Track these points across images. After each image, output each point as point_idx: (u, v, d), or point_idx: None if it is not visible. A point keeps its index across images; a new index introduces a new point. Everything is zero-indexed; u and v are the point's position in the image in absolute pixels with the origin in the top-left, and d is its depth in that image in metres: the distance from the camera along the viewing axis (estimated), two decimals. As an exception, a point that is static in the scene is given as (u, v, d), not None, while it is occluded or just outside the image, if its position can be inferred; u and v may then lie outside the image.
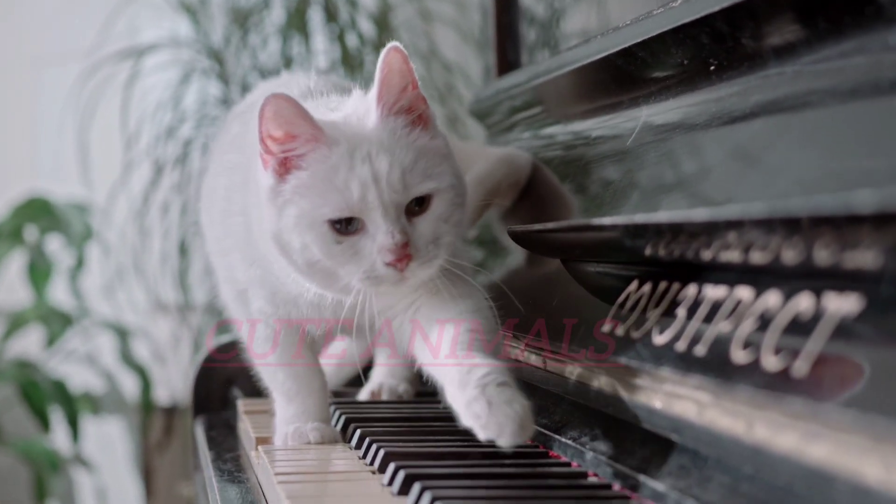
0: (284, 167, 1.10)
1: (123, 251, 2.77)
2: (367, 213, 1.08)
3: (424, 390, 1.53)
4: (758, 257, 0.82)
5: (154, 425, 3.09)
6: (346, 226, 1.08)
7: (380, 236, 1.07)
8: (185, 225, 2.63)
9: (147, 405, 3.07)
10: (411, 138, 1.11)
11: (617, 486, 0.98)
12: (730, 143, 1.00)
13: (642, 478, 0.94)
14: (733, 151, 0.99)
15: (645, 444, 0.98)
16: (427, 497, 0.93)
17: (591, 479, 1.02)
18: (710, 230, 0.86)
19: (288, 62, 2.61)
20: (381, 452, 1.12)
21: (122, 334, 3.07)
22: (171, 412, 3.08)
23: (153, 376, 3.07)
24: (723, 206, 0.84)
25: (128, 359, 3.08)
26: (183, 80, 2.66)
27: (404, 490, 0.99)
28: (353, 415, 1.36)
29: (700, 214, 0.85)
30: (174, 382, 2.94)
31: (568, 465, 1.08)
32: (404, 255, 1.07)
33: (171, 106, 2.66)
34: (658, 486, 0.91)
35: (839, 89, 0.88)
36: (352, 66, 2.57)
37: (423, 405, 1.45)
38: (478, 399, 1.00)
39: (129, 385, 3.13)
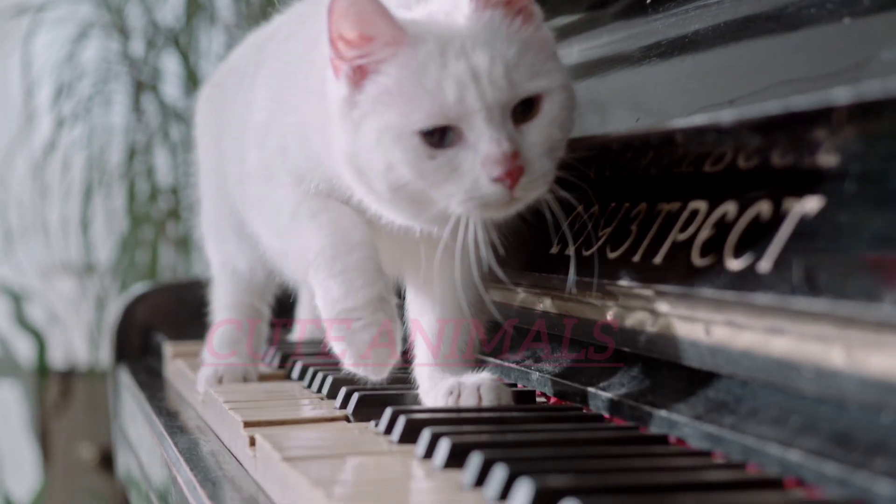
0: (360, 74, 0.93)
1: (21, 212, 2.72)
2: (465, 119, 0.90)
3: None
4: (713, 166, 0.86)
5: (50, 389, 3.04)
6: (440, 137, 0.90)
7: (483, 145, 0.89)
8: (89, 181, 2.58)
9: (43, 369, 3.03)
10: (512, 29, 0.93)
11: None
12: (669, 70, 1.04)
13: (592, 390, 0.97)
14: (670, 77, 1.02)
15: (593, 359, 1.01)
16: (388, 413, 0.95)
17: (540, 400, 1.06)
18: (665, 141, 0.89)
19: (191, 16, 2.58)
20: (330, 379, 1.14)
21: (16, 297, 3.02)
22: (67, 375, 3.04)
23: (48, 340, 3.02)
24: (683, 116, 0.88)
25: (22, 322, 3.03)
26: (81, 36, 2.61)
27: (363, 414, 1.01)
28: (290, 351, 1.38)
29: (667, 124, 0.89)
30: (73, 344, 2.90)
31: (514, 385, 1.10)
32: (514, 167, 0.89)
33: (69, 62, 2.61)
34: (610, 395, 0.94)
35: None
36: (257, 20, 2.55)
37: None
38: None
39: (23, 349, 3.08)
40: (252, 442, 0.96)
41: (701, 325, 0.84)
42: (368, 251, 1.01)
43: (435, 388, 1.02)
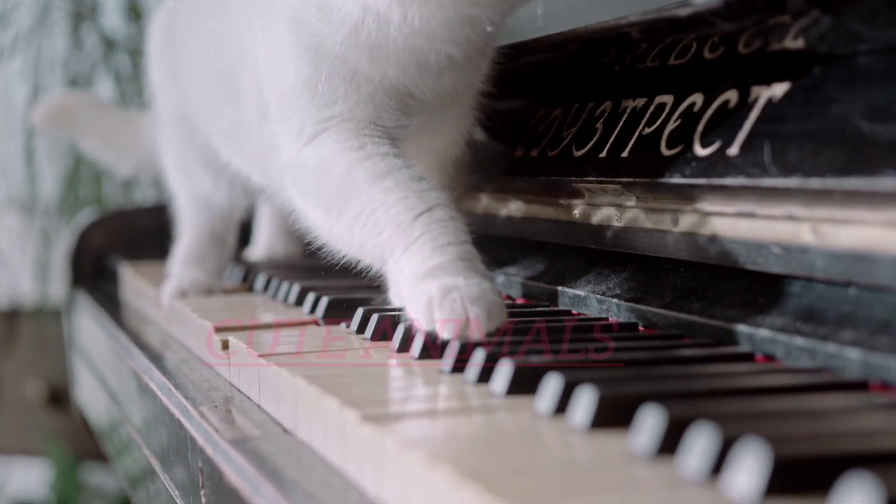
0: None
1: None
2: None
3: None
4: (678, 59, 0.87)
5: (-6, 328, 3.02)
6: None
7: None
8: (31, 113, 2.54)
9: (-15, 309, 3.00)
10: None
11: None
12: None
13: (560, 289, 0.99)
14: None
15: (558, 259, 1.03)
16: (360, 312, 0.97)
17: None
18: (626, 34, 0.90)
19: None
20: (297, 287, 1.15)
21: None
22: (13, 315, 3.01)
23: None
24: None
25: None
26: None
27: (333, 318, 1.03)
28: (252, 267, 1.38)
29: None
30: (19, 283, 2.87)
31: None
32: None
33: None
34: (578, 292, 0.96)
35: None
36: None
37: (316, 259, 1.48)
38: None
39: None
40: (224, 346, 0.97)
41: (669, 215, 0.86)
42: (451, 211, 0.88)
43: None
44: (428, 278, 0.83)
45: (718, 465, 0.52)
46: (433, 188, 0.89)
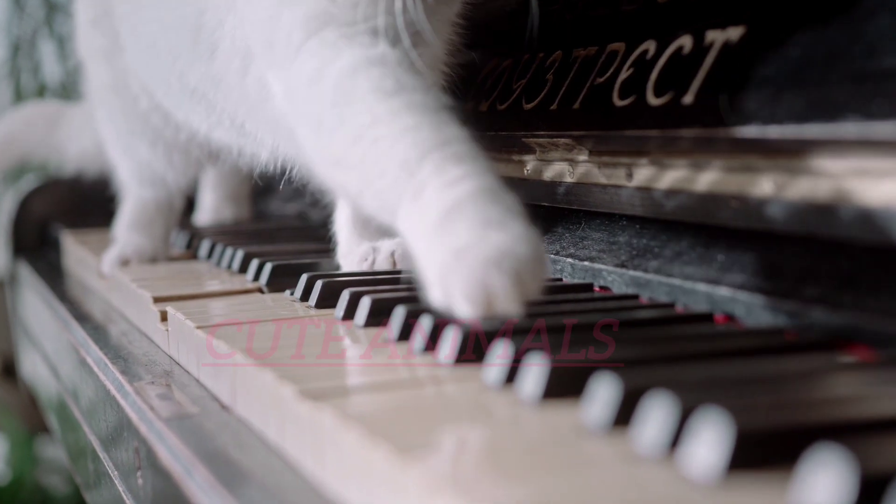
0: None
1: None
2: None
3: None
4: (630, 5, 0.83)
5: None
6: None
7: None
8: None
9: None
10: None
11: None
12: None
13: (513, 248, 0.95)
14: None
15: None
16: (304, 279, 0.93)
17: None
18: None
19: None
20: (240, 253, 1.10)
21: None
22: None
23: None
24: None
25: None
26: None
27: (277, 284, 0.99)
28: (197, 232, 1.34)
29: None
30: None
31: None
32: None
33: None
34: (531, 251, 0.92)
35: None
36: None
37: (263, 224, 1.44)
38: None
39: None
40: (163, 317, 0.92)
41: (622, 170, 0.82)
42: (470, 145, 0.69)
43: (351, 253, 0.99)
44: (442, 231, 0.64)
45: (677, 438, 0.48)
46: (453, 118, 0.70)
